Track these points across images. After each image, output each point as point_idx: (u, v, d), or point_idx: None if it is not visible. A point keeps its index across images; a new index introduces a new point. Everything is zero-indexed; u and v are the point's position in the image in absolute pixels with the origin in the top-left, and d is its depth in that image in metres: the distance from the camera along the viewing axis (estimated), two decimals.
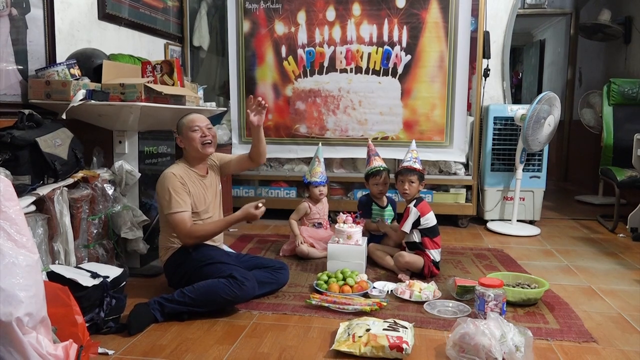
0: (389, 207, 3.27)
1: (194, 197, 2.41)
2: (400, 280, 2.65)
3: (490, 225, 4.00)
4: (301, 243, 3.13)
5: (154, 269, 2.86)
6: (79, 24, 3.00)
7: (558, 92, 5.24)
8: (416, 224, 2.78)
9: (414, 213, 2.77)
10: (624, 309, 2.38)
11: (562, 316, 2.26)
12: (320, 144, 3.52)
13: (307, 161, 4.23)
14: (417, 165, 2.91)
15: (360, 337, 1.89)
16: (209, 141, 2.44)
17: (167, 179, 2.34)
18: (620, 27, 5.19)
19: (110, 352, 1.90)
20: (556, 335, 2.07)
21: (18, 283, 1.43)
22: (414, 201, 2.82)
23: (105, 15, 3.21)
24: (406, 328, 1.97)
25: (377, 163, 3.22)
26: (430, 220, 2.81)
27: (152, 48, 3.85)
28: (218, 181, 2.65)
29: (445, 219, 4.03)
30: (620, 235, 3.80)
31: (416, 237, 2.81)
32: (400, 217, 2.94)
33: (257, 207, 2.37)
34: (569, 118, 6.50)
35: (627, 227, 3.74)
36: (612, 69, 5.54)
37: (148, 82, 2.70)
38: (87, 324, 1.86)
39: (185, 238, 2.33)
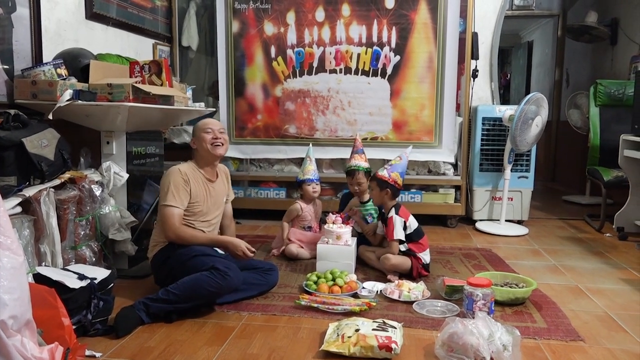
0: (371, 203, 3.25)
1: (195, 195, 2.43)
2: (389, 281, 2.66)
3: (478, 225, 4.02)
4: (284, 246, 3.15)
5: (142, 270, 2.84)
6: (65, 23, 2.98)
7: (546, 93, 5.28)
8: (404, 229, 2.79)
9: (399, 221, 2.76)
10: (611, 307, 2.41)
11: (550, 315, 2.28)
12: (310, 145, 3.52)
13: (297, 161, 4.23)
14: (385, 173, 2.85)
15: (349, 337, 1.89)
16: (220, 143, 2.50)
17: (171, 173, 2.39)
18: (607, 29, 5.25)
19: (98, 354, 1.88)
20: (544, 334, 2.08)
21: (2, 285, 1.41)
22: (393, 209, 2.81)
23: (92, 14, 3.19)
24: (395, 328, 1.97)
25: (355, 162, 3.18)
26: (412, 223, 2.81)
27: (140, 48, 3.83)
28: (225, 193, 2.67)
29: (434, 219, 4.05)
30: (607, 234, 3.84)
31: (402, 247, 2.80)
32: (382, 221, 2.93)
33: (244, 252, 2.39)
34: (556, 119, 6.56)
35: (614, 226, 3.78)
36: (599, 70, 5.60)
37: (136, 83, 2.67)
38: (74, 326, 1.84)
39: (169, 232, 2.34)
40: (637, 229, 3.67)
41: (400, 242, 2.78)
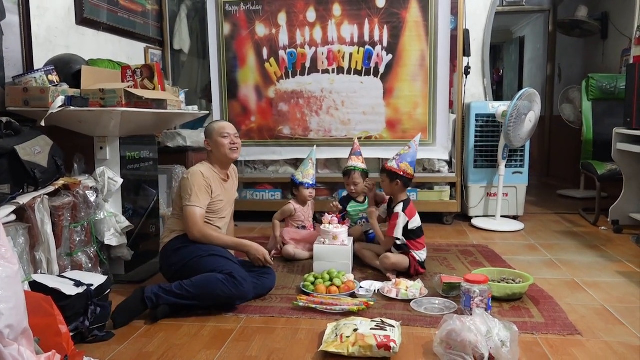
0: (367, 204, 3.28)
1: (216, 195, 2.53)
2: (389, 279, 2.66)
3: (474, 221, 4.03)
4: (280, 247, 3.17)
5: (139, 275, 2.83)
6: (56, 29, 2.96)
7: (538, 88, 5.28)
8: (404, 227, 2.79)
9: (402, 219, 2.77)
10: (607, 300, 2.42)
11: (547, 310, 2.29)
12: (315, 147, 3.53)
13: (292, 162, 4.23)
14: (394, 164, 2.86)
15: (348, 337, 1.89)
16: (236, 148, 2.63)
17: (194, 175, 2.48)
18: (597, 23, 5.28)
19: None
20: (541, 329, 2.09)
21: None
22: (402, 204, 2.82)
23: (83, 20, 3.17)
24: (393, 327, 1.98)
25: (352, 162, 3.25)
26: (415, 222, 2.82)
27: (132, 52, 3.82)
28: (235, 190, 2.81)
29: (430, 217, 4.05)
30: (602, 228, 3.86)
31: (398, 241, 2.82)
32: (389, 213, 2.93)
33: (266, 259, 2.53)
34: (549, 113, 6.59)
35: (609, 219, 3.79)
36: (590, 64, 5.62)
37: (128, 87, 2.67)
38: (71, 334, 1.84)
39: (194, 231, 2.42)
40: (632, 222, 3.69)
41: (396, 240, 2.79)
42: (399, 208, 2.80)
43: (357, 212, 3.29)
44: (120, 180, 2.73)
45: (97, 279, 2.17)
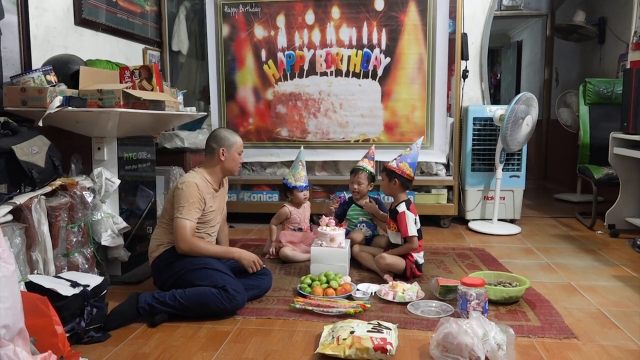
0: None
1: (208, 207, 2.48)
2: (386, 281, 2.66)
3: (471, 224, 4.04)
4: (275, 251, 3.17)
5: (135, 276, 2.83)
6: (54, 29, 2.96)
7: (536, 92, 5.30)
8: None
9: (411, 217, 2.77)
10: (603, 304, 2.43)
11: (543, 313, 2.29)
12: (302, 147, 3.51)
13: (289, 164, 4.22)
14: (393, 163, 2.87)
15: (344, 339, 1.89)
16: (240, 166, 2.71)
17: (190, 187, 2.39)
18: (595, 28, 5.30)
19: None
20: (537, 332, 2.10)
21: None
22: (404, 204, 2.82)
23: (81, 20, 3.17)
24: (390, 329, 1.97)
25: (361, 163, 3.26)
26: (417, 222, 2.83)
27: (130, 53, 3.82)
28: (226, 197, 2.77)
29: (427, 220, 4.05)
30: (599, 232, 3.87)
31: (400, 240, 2.82)
32: (390, 214, 2.93)
33: (258, 263, 2.49)
34: (546, 118, 6.61)
35: (605, 224, 3.81)
36: (588, 68, 5.64)
37: (126, 88, 2.67)
38: (67, 334, 1.83)
39: (181, 244, 2.36)
40: (628, 226, 3.70)
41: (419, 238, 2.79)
42: (402, 207, 2.79)
43: (358, 215, 3.28)
44: (118, 181, 2.73)
45: (93, 280, 2.17)
